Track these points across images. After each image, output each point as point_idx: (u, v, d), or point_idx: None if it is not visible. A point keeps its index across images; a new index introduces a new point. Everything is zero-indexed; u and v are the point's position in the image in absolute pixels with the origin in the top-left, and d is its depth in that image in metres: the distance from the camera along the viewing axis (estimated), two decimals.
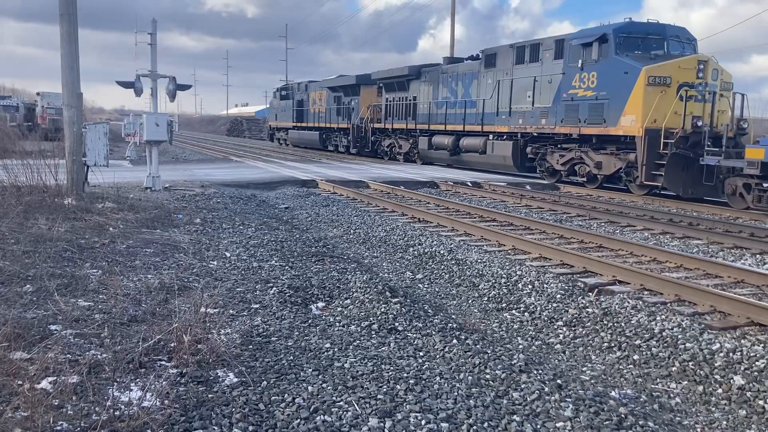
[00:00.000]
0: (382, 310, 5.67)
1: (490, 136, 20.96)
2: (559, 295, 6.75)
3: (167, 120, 13.65)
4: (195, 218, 10.22)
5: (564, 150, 18.23)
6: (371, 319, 5.43)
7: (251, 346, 4.57)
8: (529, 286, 7.15)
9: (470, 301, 7.11)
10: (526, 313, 6.58)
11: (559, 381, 4.33)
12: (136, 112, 17.11)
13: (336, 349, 4.65)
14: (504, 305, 6.90)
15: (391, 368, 4.34)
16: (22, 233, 7.45)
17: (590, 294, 6.84)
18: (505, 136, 20.33)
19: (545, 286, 7.08)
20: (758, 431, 4.20)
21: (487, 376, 4.31)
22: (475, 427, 3.53)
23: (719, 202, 14.76)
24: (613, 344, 5.65)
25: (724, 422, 4.33)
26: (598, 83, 16.49)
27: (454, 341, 5.00)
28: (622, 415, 3.85)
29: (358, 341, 4.87)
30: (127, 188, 13.13)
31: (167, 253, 7.49)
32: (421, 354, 4.70)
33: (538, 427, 3.62)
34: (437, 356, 4.68)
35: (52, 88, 36.69)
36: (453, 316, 6.25)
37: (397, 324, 5.34)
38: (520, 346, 5.62)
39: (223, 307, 5.36)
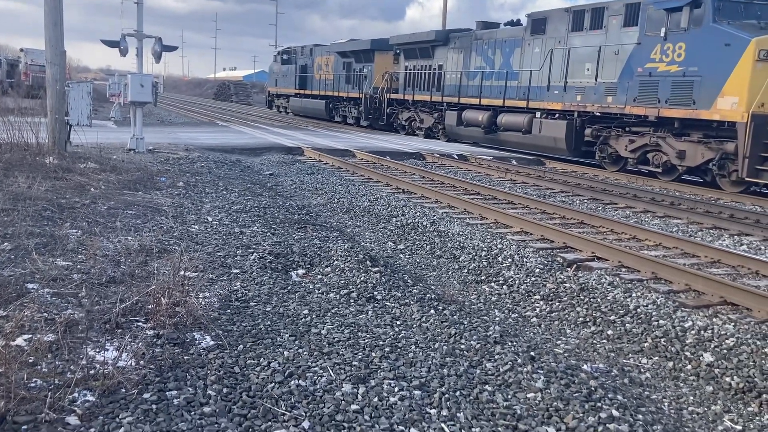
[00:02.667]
0: (362, 278, 5.70)
1: (537, 114, 18.00)
2: (538, 270, 6.82)
3: (152, 81, 13.47)
4: (178, 182, 10.16)
5: (634, 134, 15.35)
6: (350, 287, 5.46)
7: (229, 311, 4.59)
8: (509, 260, 7.21)
9: (450, 273, 7.16)
10: (504, 286, 6.65)
11: (532, 353, 4.39)
12: (121, 72, 16.86)
13: (314, 316, 4.68)
14: (483, 278, 6.96)
15: (368, 336, 4.39)
16: (1, 191, 7.37)
17: (569, 269, 6.91)
18: (557, 115, 17.43)
19: (525, 260, 7.14)
20: (723, 407, 4.30)
21: (462, 347, 4.36)
22: (447, 396, 3.59)
23: None
24: (588, 319, 5.74)
25: (691, 397, 4.43)
26: (686, 56, 13.60)
27: (432, 311, 5.05)
28: (592, 388, 3.93)
29: (336, 309, 4.91)
30: (110, 149, 13.00)
31: (148, 216, 7.46)
32: (398, 323, 4.75)
33: (509, 397, 3.69)
34: (414, 325, 4.73)
35: (36, 45, 35.98)
36: (432, 287, 6.30)
37: (376, 293, 5.38)
38: (497, 318, 5.69)
39: (203, 271, 5.37)
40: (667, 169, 14.73)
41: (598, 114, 16.28)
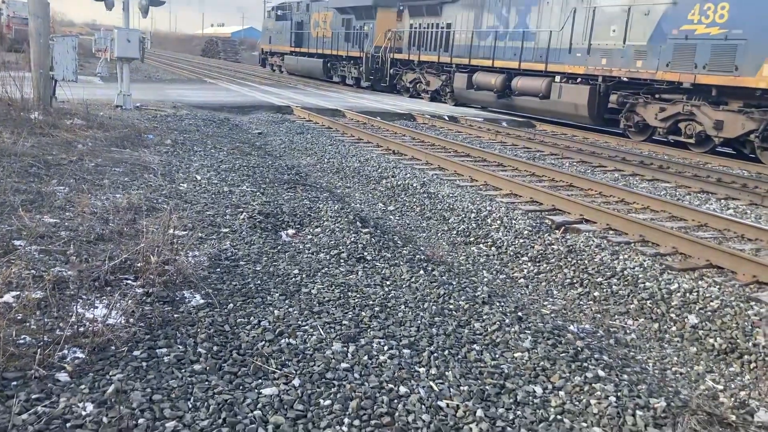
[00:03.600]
0: (352, 239, 5.70)
1: (557, 78, 16.88)
2: (526, 231, 6.85)
3: (139, 36, 13.20)
4: (166, 139, 10.05)
5: (665, 102, 14.35)
6: (341, 247, 5.46)
7: (219, 269, 4.58)
8: (498, 222, 7.23)
9: (439, 234, 7.18)
10: (493, 248, 6.68)
11: (520, 313, 4.44)
12: (107, 27, 16.53)
13: (304, 276, 4.69)
14: (472, 239, 6.98)
15: (358, 296, 4.41)
16: None
17: (557, 231, 6.95)
18: (579, 79, 16.30)
19: (514, 222, 7.16)
20: (706, 367, 4.38)
21: (451, 307, 4.40)
22: (435, 355, 3.62)
23: None
24: (575, 281, 5.79)
25: (675, 358, 4.51)
26: (730, 18, 12.49)
27: (421, 272, 5.07)
28: (579, 348, 3.98)
29: (326, 269, 4.91)
30: (96, 105, 12.81)
31: (136, 173, 7.39)
32: (387, 283, 4.77)
33: (497, 356, 3.73)
34: (403, 286, 4.75)
35: None
36: (421, 248, 6.32)
37: (366, 253, 5.39)
38: (485, 279, 5.73)
39: (192, 230, 5.34)
40: (700, 140, 13.73)
41: (625, 79, 15.13)
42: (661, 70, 14.03)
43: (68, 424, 2.59)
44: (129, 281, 4.09)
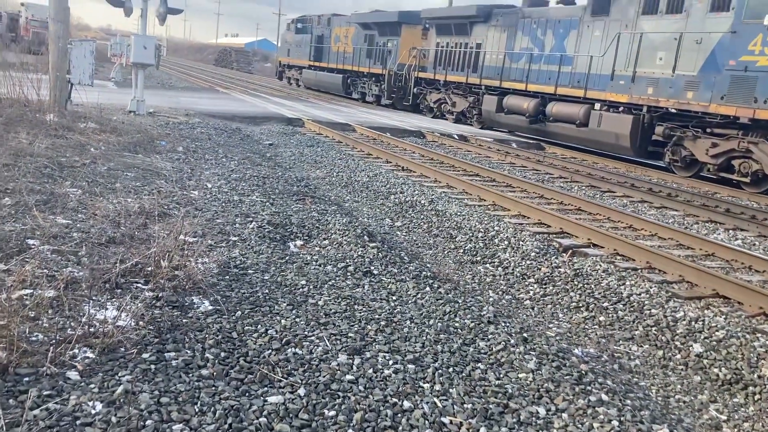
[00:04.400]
0: (359, 253, 5.74)
1: (597, 106, 16.00)
2: (533, 253, 6.87)
3: (155, 44, 13.36)
4: (178, 146, 10.14)
5: (718, 137, 13.24)
6: (348, 260, 5.49)
7: (228, 277, 4.62)
8: (505, 242, 7.26)
9: (446, 252, 7.20)
10: (499, 268, 6.70)
11: (525, 334, 4.45)
12: (123, 32, 16.75)
13: (311, 287, 4.71)
14: (479, 258, 7.00)
15: (364, 309, 4.43)
16: (2, 146, 7.35)
17: (564, 254, 6.96)
18: (621, 108, 15.39)
19: (521, 243, 7.18)
20: (710, 397, 4.38)
21: (456, 324, 4.42)
22: (440, 371, 3.64)
23: None
24: (581, 304, 5.80)
25: (679, 386, 4.51)
26: None
27: (427, 288, 5.09)
28: (583, 372, 3.99)
29: (333, 281, 4.94)
30: (110, 110, 12.93)
31: (148, 179, 7.46)
32: (393, 298, 4.79)
33: (501, 376, 3.74)
34: (409, 301, 4.78)
35: (37, 0, 35.44)
36: (428, 265, 6.35)
37: (372, 268, 5.42)
38: (491, 299, 5.75)
39: (202, 237, 5.39)
40: (757, 179, 12.70)
41: (673, 110, 14.10)
42: (714, 103, 12.96)
43: (78, 422, 2.62)
44: (139, 285, 4.13)
